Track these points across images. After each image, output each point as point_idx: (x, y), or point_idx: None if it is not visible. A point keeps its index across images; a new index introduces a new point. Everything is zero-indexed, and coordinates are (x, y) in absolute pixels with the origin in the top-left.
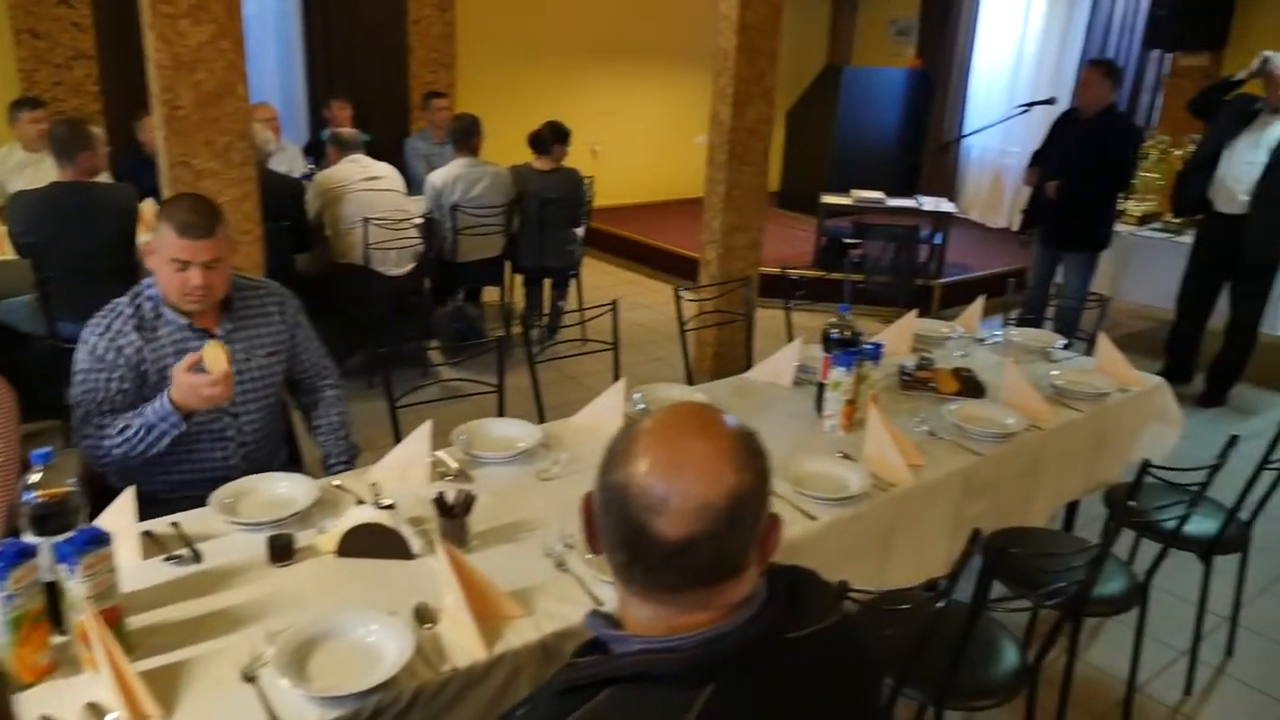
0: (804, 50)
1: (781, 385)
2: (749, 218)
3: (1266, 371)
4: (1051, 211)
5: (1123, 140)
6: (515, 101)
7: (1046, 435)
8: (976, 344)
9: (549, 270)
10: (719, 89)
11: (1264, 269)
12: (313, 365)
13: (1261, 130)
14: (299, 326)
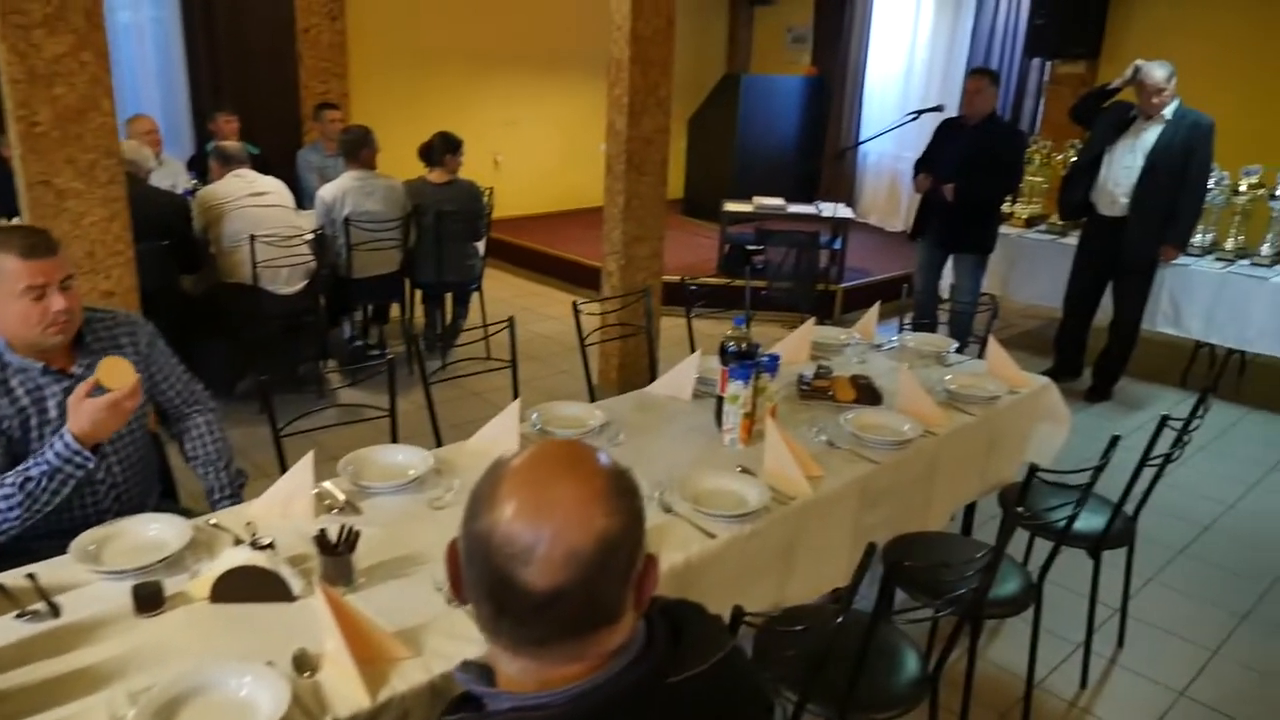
0: (703, 58)
1: (682, 399)
2: (649, 228)
3: (1148, 366)
4: (943, 215)
5: (1010, 144)
6: (412, 112)
7: (941, 440)
8: (874, 350)
9: (449, 285)
10: (614, 99)
11: (1144, 269)
12: (177, 394)
13: (1137, 136)
14: (155, 354)
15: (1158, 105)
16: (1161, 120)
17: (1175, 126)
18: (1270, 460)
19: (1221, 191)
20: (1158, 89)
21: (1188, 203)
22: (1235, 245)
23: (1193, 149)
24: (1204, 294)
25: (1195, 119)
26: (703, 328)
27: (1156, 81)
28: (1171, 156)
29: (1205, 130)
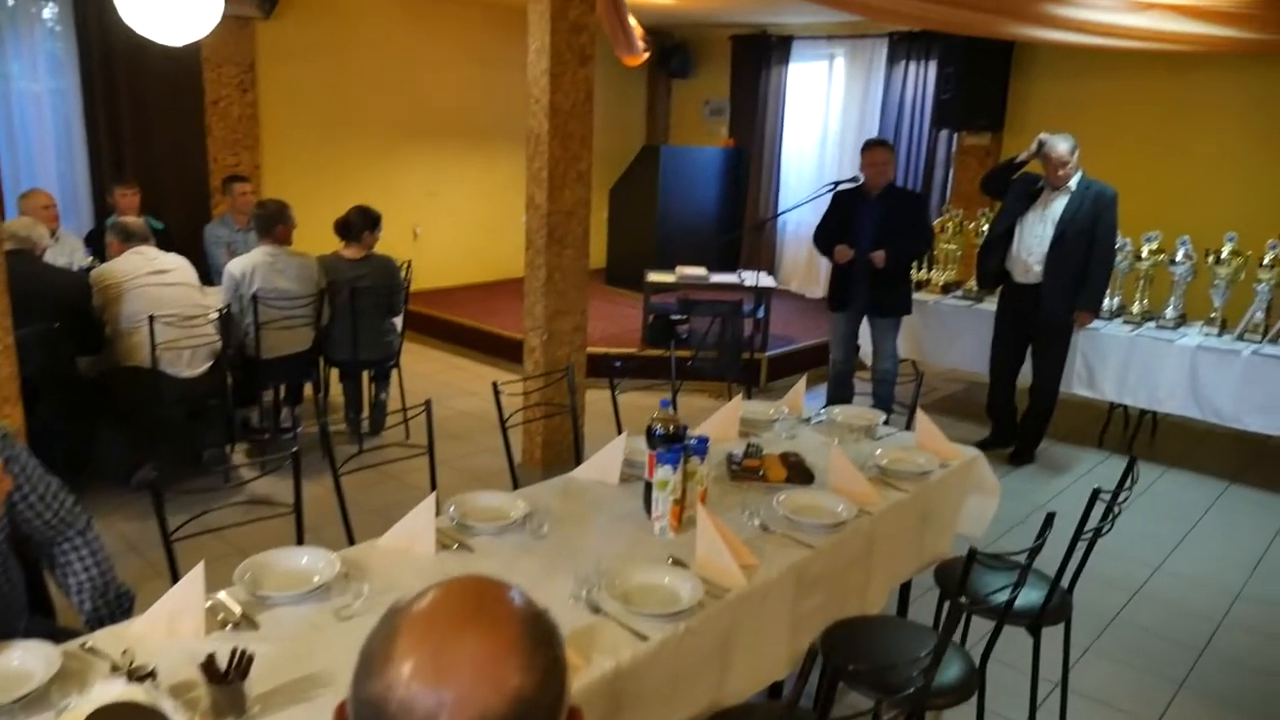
0: (623, 129)
1: (609, 483)
2: (572, 301)
3: (1066, 427)
4: (866, 284)
5: (918, 208)
6: (327, 184)
7: (875, 519)
8: (803, 424)
9: (366, 362)
10: (533, 172)
11: (1060, 332)
12: (46, 520)
13: (1046, 206)
14: (16, 468)
15: (1063, 177)
16: (1067, 191)
17: (1081, 196)
18: (1189, 519)
19: (1125, 257)
20: (1062, 161)
21: (1097, 269)
22: (1141, 309)
23: (1098, 217)
24: (1116, 357)
25: (1099, 189)
26: (630, 400)
27: (1060, 154)
28: (1079, 225)
29: (1109, 199)
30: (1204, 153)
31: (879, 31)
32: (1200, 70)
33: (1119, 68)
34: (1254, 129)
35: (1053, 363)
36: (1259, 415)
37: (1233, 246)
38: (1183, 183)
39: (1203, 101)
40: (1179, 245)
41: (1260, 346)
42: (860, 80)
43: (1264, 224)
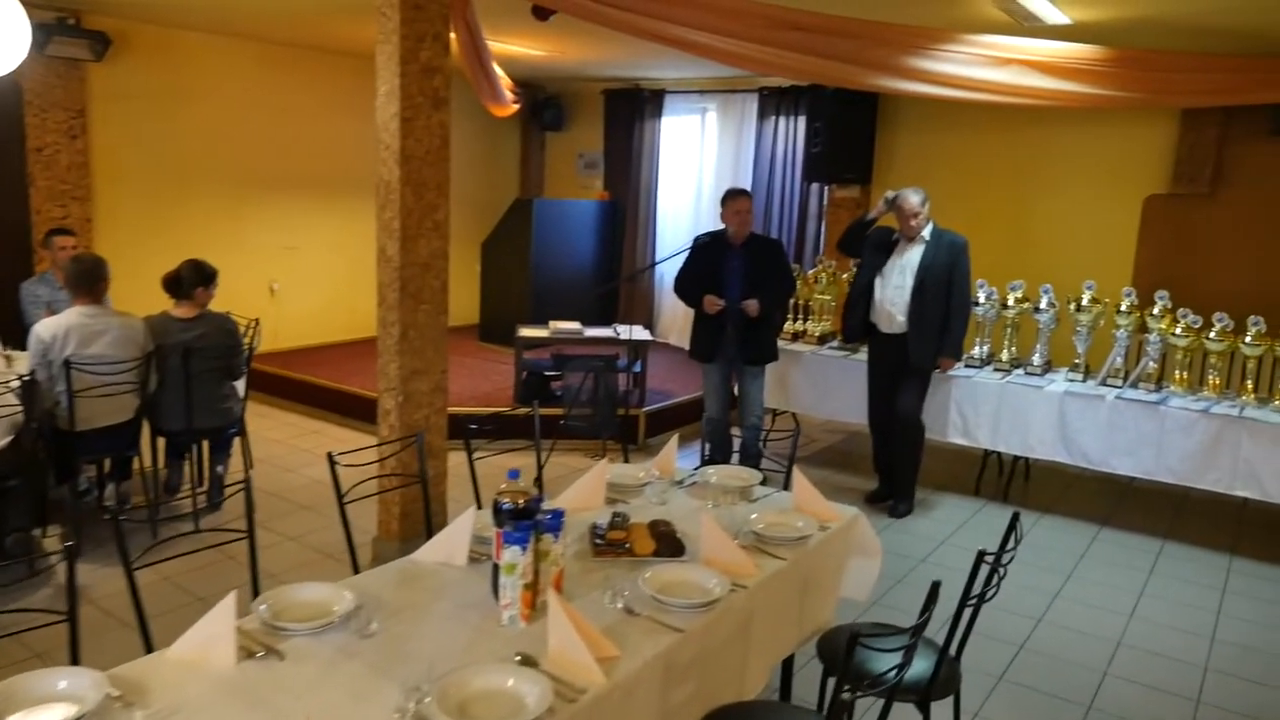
0: (496, 182)
1: (456, 565)
2: (430, 360)
3: (942, 475)
4: (737, 333)
5: (780, 254)
6: (171, 239)
7: (752, 593)
8: (675, 487)
9: (202, 432)
10: (384, 223)
11: (923, 371)
12: None
13: (903, 256)
14: None
15: (915, 227)
16: (922, 240)
17: (935, 245)
18: (1066, 567)
19: (992, 306)
20: (914, 212)
21: (956, 315)
22: (1010, 356)
23: (954, 264)
24: (988, 404)
25: (951, 238)
26: (501, 463)
27: (912, 206)
28: (936, 272)
29: (961, 247)
30: (1062, 202)
31: (749, 86)
32: (1057, 124)
33: (980, 121)
34: (1107, 180)
35: (913, 394)
36: (1125, 458)
37: (1092, 294)
38: (1043, 231)
39: (1060, 153)
40: (1042, 293)
41: (1122, 391)
42: (732, 134)
43: (1119, 271)
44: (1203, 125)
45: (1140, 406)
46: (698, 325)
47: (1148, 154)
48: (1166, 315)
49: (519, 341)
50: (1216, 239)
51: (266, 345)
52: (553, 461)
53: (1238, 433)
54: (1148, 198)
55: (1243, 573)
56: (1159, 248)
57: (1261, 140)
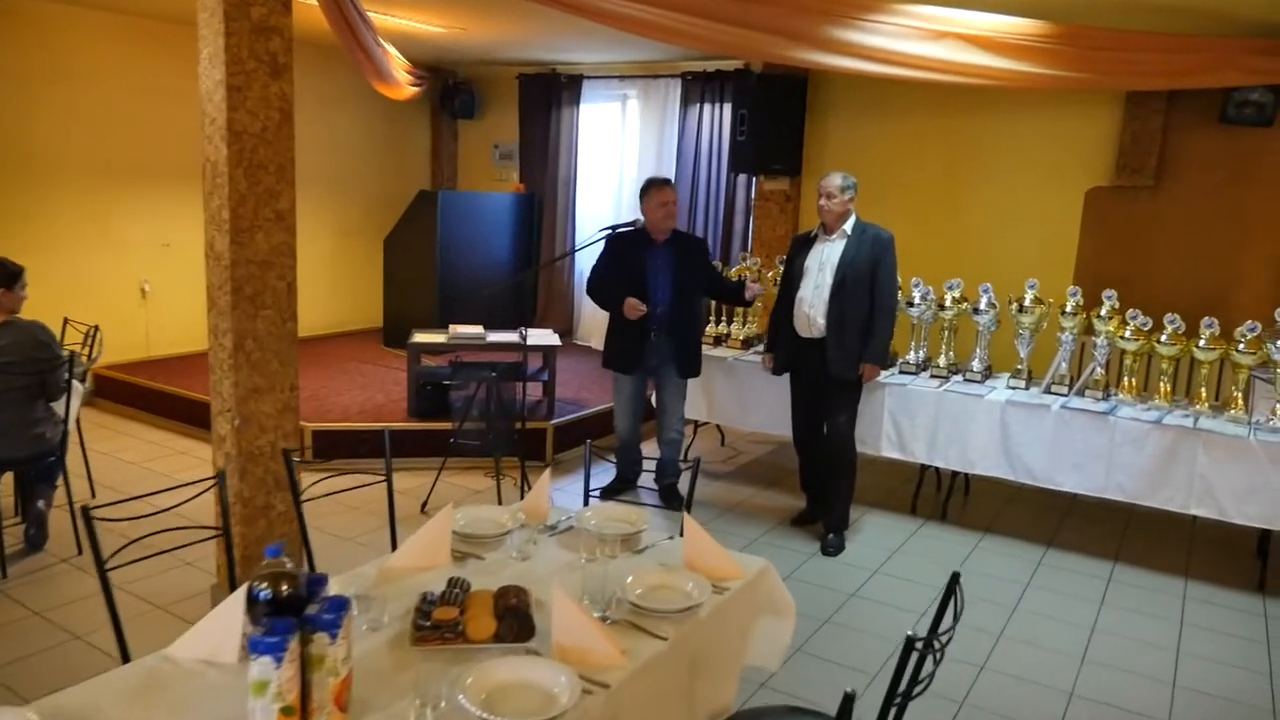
0: (404, 174)
1: (222, 663)
2: (274, 376)
3: (877, 492)
4: (662, 339)
5: (705, 252)
6: (16, 236)
7: (616, 693)
8: (545, 534)
9: (9, 462)
10: (211, 213)
11: (849, 384)
12: None
13: (821, 253)
14: None
15: (831, 211)
16: (844, 235)
17: (858, 241)
18: (1009, 599)
19: (928, 306)
20: (829, 193)
21: (880, 318)
22: (948, 361)
23: (878, 260)
24: (925, 415)
25: (876, 231)
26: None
27: (829, 186)
28: (859, 270)
29: (886, 242)
30: (1002, 196)
31: (671, 71)
32: (996, 110)
33: (916, 108)
34: (1048, 171)
35: (843, 414)
36: (1073, 473)
37: (1034, 293)
38: (982, 226)
39: (999, 143)
40: (981, 293)
41: (1068, 400)
42: (655, 122)
43: (1062, 268)
44: (1147, 113)
45: (1088, 417)
46: (615, 331)
47: (1090, 143)
48: (1115, 316)
49: (412, 348)
50: (1162, 234)
51: (136, 353)
52: (446, 484)
53: (1193, 446)
54: (1090, 190)
55: (1199, 600)
56: (1102, 243)
57: (1209, 128)
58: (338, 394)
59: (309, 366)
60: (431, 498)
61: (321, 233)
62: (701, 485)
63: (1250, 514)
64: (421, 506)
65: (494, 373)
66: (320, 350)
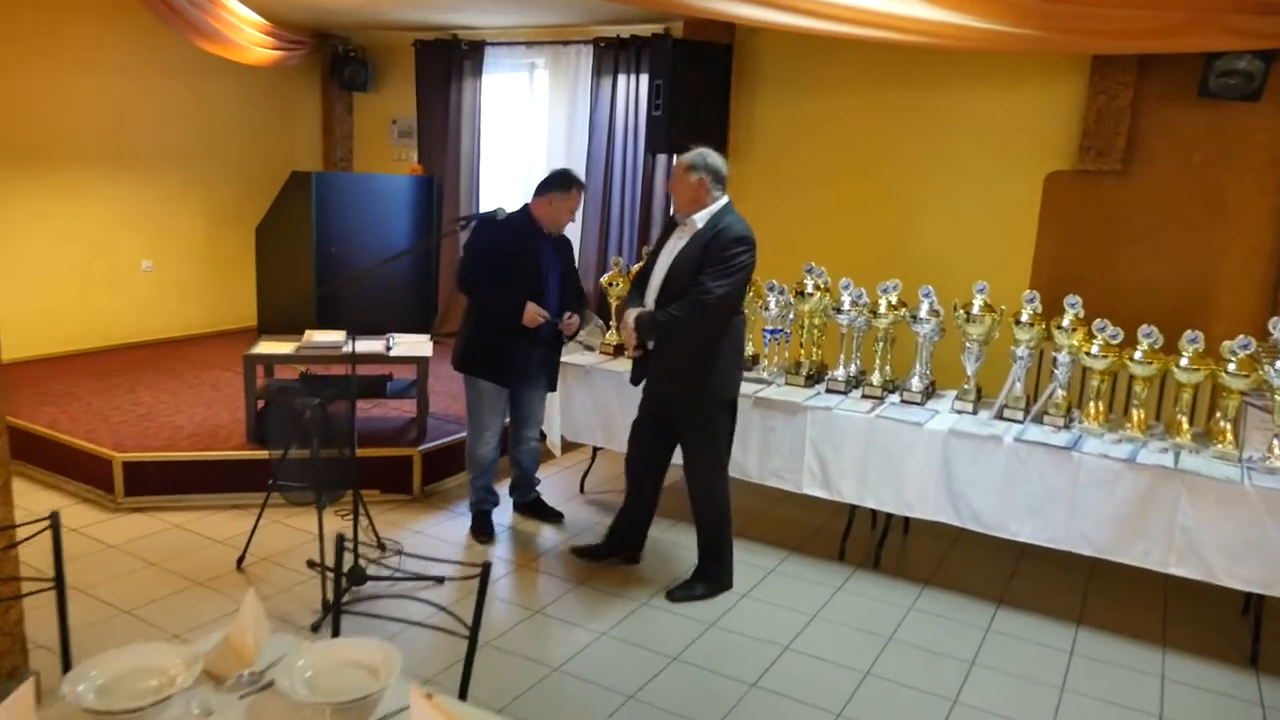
0: (290, 152)
1: None
2: None
3: (796, 531)
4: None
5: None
6: None
7: None
8: (233, 695)
9: None
10: None
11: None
12: None
13: (672, 246)
14: None
15: (679, 195)
16: (691, 228)
17: (705, 235)
18: (951, 681)
19: (860, 312)
20: (675, 177)
21: (686, 306)
22: (883, 378)
23: (713, 254)
24: (853, 447)
25: (729, 225)
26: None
27: (677, 166)
28: (690, 268)
29: (732, 238)
30: (949, 182)
31: (583, 37)
32: (944, 84)
33: (854, 80)
34: (1001, 153)
35: (701, 458)
36: (1029, 520)
37: (984, 299)
38: (926, 218)
39: (947, 121)
40: (922, 298)
41: (1023, 429)
42: (565, 95)
43: (1017, 266)
44: (1114, 85)
45: (1046, 452)
46: (491, 332)
47: (1049, 122)
48: (1079, 328)
49: (249, 361)
50: (1131, 225)
51: None
52: (277, 527)
53: (1174, 492)
54: (1049, 175)
55: (1181, 681)
56: (1063, 237)
57: (1185, 104)
58: (175, 412)
59: (160, 377)
60: (254, 547)
61: (191, 219)
62: (599, 525)
63: (1243, 576)
64: (238, 562)
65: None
66: (180, 355)
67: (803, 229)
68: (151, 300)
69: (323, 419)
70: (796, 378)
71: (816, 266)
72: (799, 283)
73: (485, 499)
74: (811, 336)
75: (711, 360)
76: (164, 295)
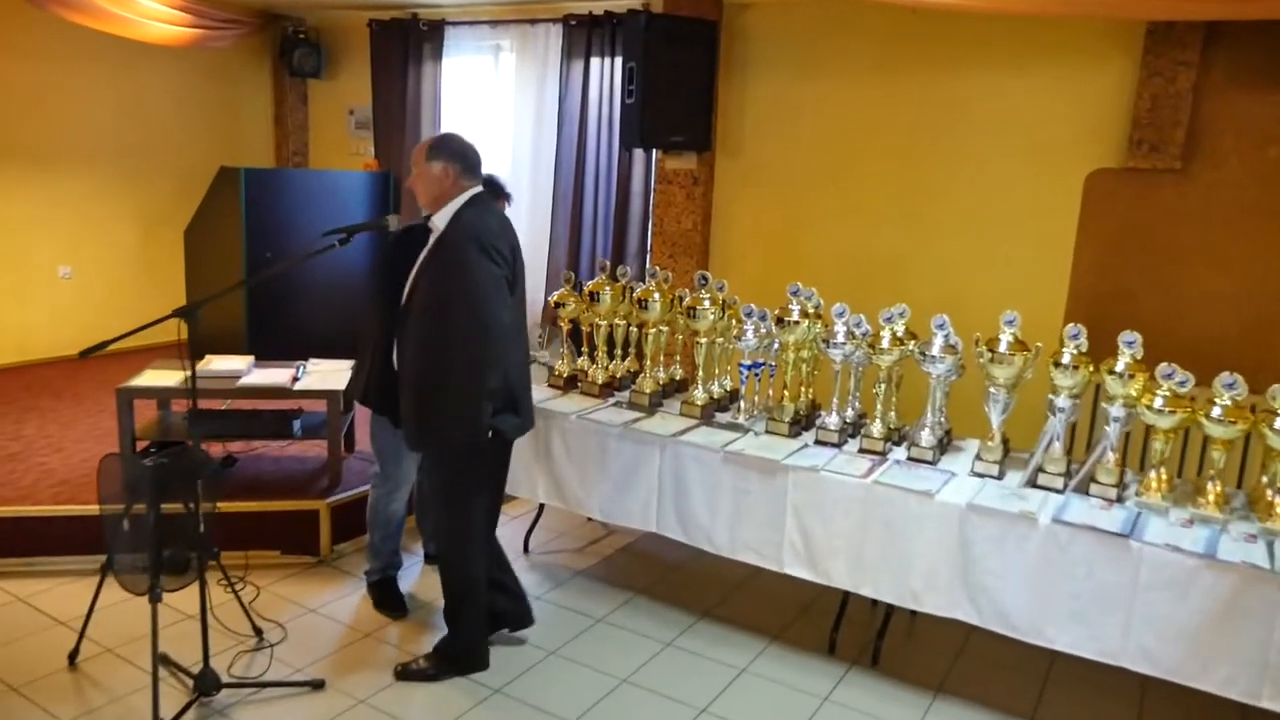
0: (241, 146)
1: None
2: None
3: (783, 618)
4: None
5: None
6: None
7: None
8: None
9: None
10: None
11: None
12: None
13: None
14: None
15: (419, 192)
16: (435, 231)
17: (444, 242)
18: None
19: (858, 345)
20: (412, 165)
21: (435, 362)
22: (886, 428)
23: (444, 267)
24: (845, 518)
25: (463, 226)
26: None
27: (417, 150)
28: (430, 282)
29: (464, 238)
30: (974, 184)
31: (552, 15)
32: (968, 66)
33: (861, 65)
34: (1033, 148)
35: (437, 500)
36: (1070, 626)
37: (1014, 333)
38: (943, 228)
39: (970, 111)
40: (936, 329)
41: (1064, 503)
42: (534, 80)
43: (1050, 285)
44: (1172, 67)
45: (1095, 540)
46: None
47: (1092, 110)
48: (1139, 374)
49: (123, 396)
50: (1190, 234)
51: None
52: (127, 606)
53: (1270, 600)
54: (1091, 174)
55: None
56: (1107, 247)
57: (1261, 89)
58: (53, 450)
59: (59, 403)
60: (98, 632)
61: (117, 221)
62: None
63: None
64: (70, 657)
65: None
66: (94, 375)
67: (795, 241)
68: (70, 311)
69: (156, 483)
70: (779, 423)
71: (804, 288)
72: (783, 307)
73: (392, 563)
74: (799, 373)
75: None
76: (85, 305)
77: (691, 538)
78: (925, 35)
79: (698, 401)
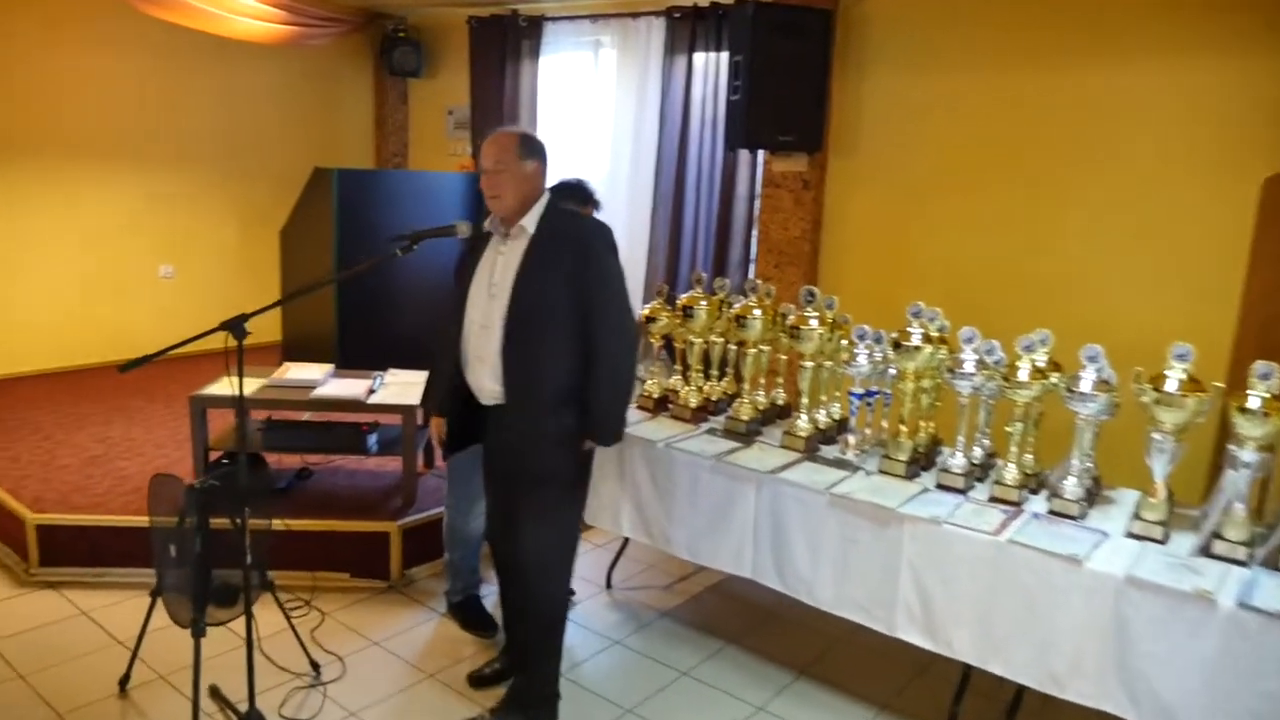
0: (340, 147)
1: None
2: None
3: (892, 686)
4: None
5: None
6: None
7: None
8: None
9: None
10: None
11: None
12: None
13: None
14: None
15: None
16: (522, 233)
17: (542, 238)
18: None
19: (991, 376)
20: (486, 160)
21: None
22: (1021, 473)
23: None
24: (972, 581)
25: (573, 223)
26: None
27: (490, 148)
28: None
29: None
30: (1120, 192)
31: (654, 8)
32: (1115, 53)
33: (990, 55)
34: (1194, 151)
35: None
36: None
37: (1186, 368)
38: (1086, 245)
39: (1117, 107)
40: (1086, 362)
41: (1249, 581)
42: (635, 77)
43: (1221, 316)
44: None
45: None
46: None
47: (1268, 103)
48: None
49: (196, 404)
50: None
51: None
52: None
53: None
54: (1270, 179)
55: None
56: None
57: None
58: (133, 455)
59: (149, 404)
60: (150, 657)
61: (220, 221)
62: (637, 629)
63: None
64: (121, 682)
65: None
66: (188, 376)
67: (914, 254)
68: (171, 311)
69: (200, 507)
70: (894, 462)
71: (927, 308)
72: (902, 330)
73: (472, 581)
74: (918, 405)
75: None
76: (186, 305)
77: (790, 588)
78: (1065, 23)
79: (801, 433)
